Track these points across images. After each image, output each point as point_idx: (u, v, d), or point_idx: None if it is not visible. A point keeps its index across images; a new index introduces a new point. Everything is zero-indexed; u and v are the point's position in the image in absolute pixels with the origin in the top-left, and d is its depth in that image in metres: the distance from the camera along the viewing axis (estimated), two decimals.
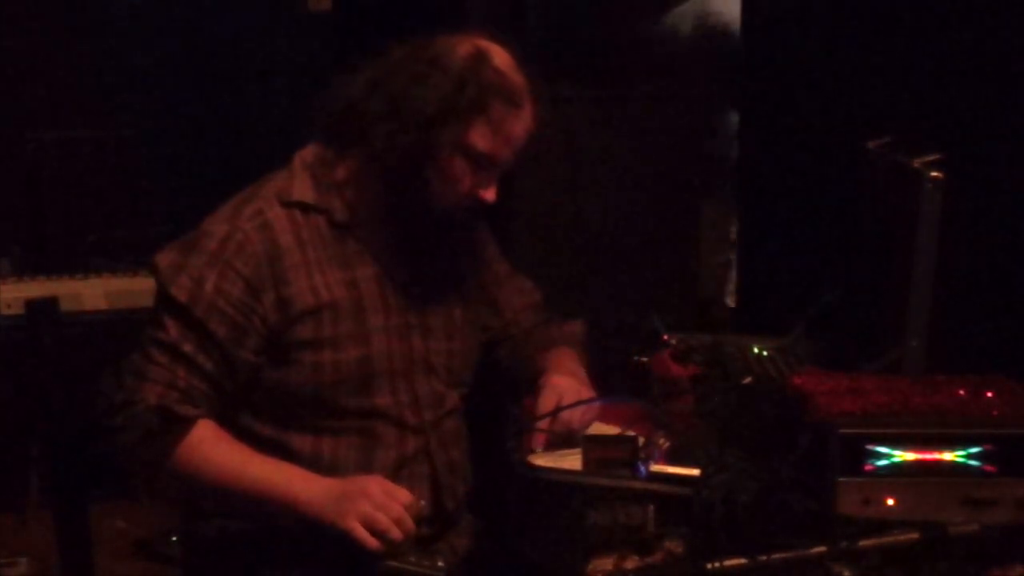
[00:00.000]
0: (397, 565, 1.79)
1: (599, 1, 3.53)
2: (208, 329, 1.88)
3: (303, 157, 2.02)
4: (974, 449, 1.68)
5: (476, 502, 2.15)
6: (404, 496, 1.83)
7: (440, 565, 1.80)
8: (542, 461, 1.93)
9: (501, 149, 1.93)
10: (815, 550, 1.56)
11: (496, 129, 1.91)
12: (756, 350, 2.18)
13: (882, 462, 1.67)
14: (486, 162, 1.93)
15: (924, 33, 2.75)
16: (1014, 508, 1.67)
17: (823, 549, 1.56)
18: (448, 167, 1.92)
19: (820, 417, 1.73)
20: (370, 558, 1.80)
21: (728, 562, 1.53)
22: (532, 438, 1.99)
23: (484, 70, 1.90)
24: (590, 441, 1.89)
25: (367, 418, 1.98)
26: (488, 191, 1.96)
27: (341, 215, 1.98)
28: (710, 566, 1.53)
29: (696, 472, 1.74)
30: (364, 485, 1.84)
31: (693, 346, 2.18)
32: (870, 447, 1.67)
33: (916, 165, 2.12)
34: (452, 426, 2.09)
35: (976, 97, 2.58)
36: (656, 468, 1.82)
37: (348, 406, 1.97)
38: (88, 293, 3.30)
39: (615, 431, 2.00)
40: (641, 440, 1.90)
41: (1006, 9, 2.54)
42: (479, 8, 3.40)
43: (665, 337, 2.25)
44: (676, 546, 1.68)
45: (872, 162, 2.39)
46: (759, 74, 3.55)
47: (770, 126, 3.47)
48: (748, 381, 1.99)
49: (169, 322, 1.89)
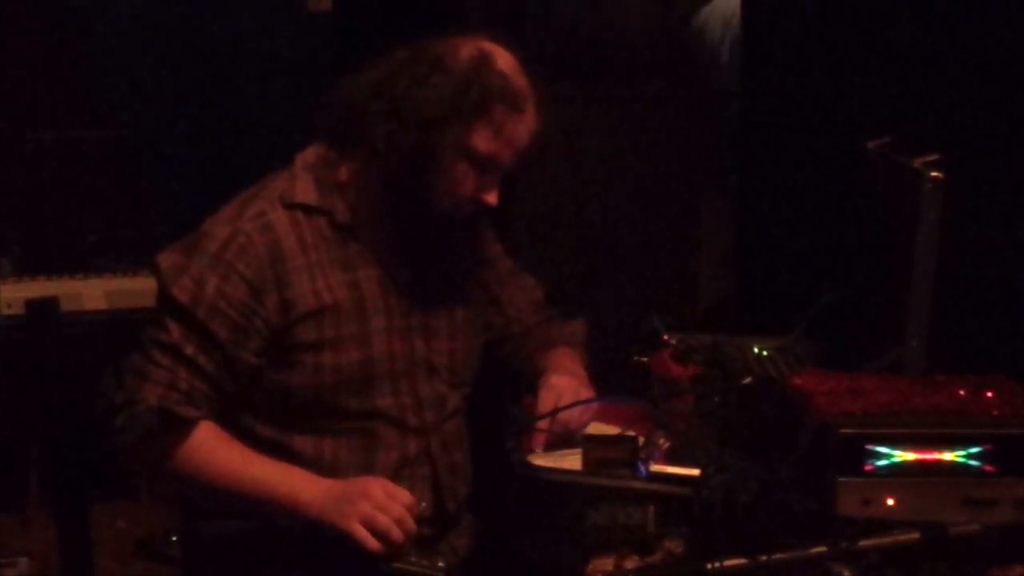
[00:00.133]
0: (398, 566, 1.79)
1: (599, 1, 3.53)
2: (210, 331, 1.88)
3: (304, 158, 2.01)
4: (974, 449, 1.68)
5: (476, 502, 2.15)
6: (405, 497, 1.82)
7: (440, 565, 1.80)
8: (542, 461, 1.93)
9: (503, 152, 1.93)
10: (815, 550, 1.55)
11: (498, 132, 1.91)
12: (756, 350, 2.18)
13: (882, 462, 1.67)
14: (488, 165, 1.93)
15: (924, 33, 2.75)
16: (1014, 508, 1.67)
17: (823, 549, 1.56)
18: (450, 169, 1.91)
19: (820, 417, 1.73)
20: (370, 558, 1.80)
21: (728, 562, 1.53)
22: (532, 438, 1.99)
23: (487, 73, 1.90)
24: (590, 441, 1.89)
25: (368, 419, 1.98)
26: (490, 194, 1.96)
27: (343, 217, 1.98)
28: (710, 566, 1.53)
29: (696, 472, 1.74)
30: (365, 486, 1.83)
31: (693, 346, 2.18)
32: (870, 447, 1.67)
33: (916, 165, 2.12)
34: (454, 427, 2.09)
35: (976, 97, 2.58)
36: (656, 468, 1.82)
37: (349, 407, 1.96)
38: (88, 293, 3.30)
39: (615, 431, 2.00)
40: (641, 440, 1.90)
41: (1006, 9, 2.53)
42: (479, 8, 3.40)
43: (665, 337, 2.25)
44: (676, 546, 1.68)
45: (872, 162, 2.39)
46: (759, 74, 3.55)
47: (770, 126, 3.47)
48: (748, 381, 1.99)
49: (171, 323, 1.89)
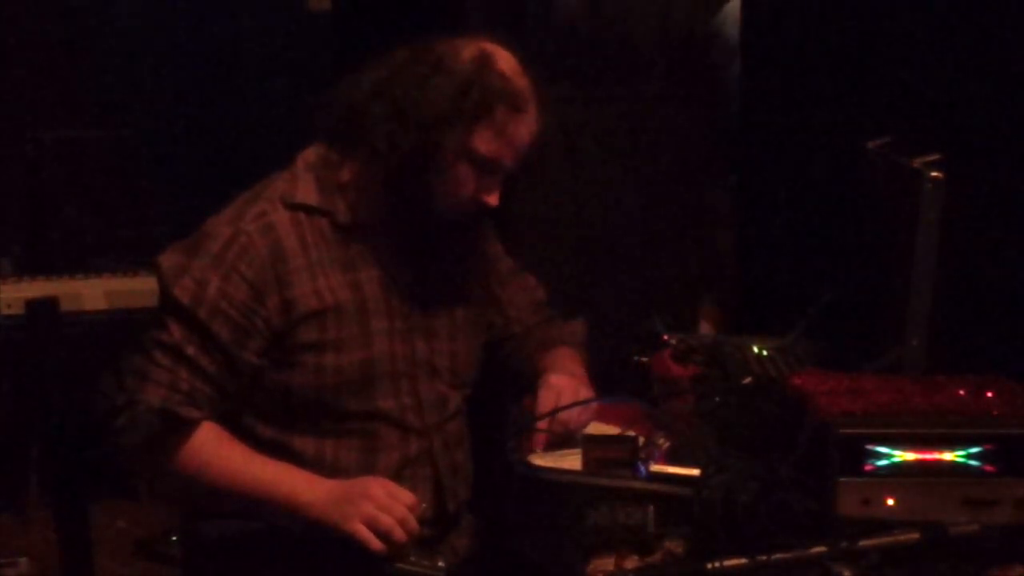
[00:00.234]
0: (399, 566, 1.79)
1: (599, 1, 3.53)
2: (211, 331, 1.87)
3: (306, 158, 2.01)
4: (974, 449, 1.68)
5: (476, 502, 2.15)
6: (407, 497, 1.82)
7: (440, 565, 1.80)
8: (542, 461, 1.93)
9: (505, 153, 1.92)
10: (815, 550, 1.55)
11: (500, 133, 1.90)
12: (756, 350, 2.18)
13: (882, 462, 1.67)
14: (490, 166, 1.93)
15: (924, 33, 2.75)
16: (1014, 508, 1.67)
17: (823, 549, 1.56)
18: (452, 171, 1.91)
19: (820, 417, 1.73)
20: (371, 559, 1.80)
21: (728, 562, 1.53)
22: (532, 438, 1.99)
23: (488, 74, 1.90)
24: (590, 441, 1.89)
25: (369, 420, 1.98)
26: (491, 195, 1.95)
27: (345, 217, 1.97)
28: (710, 566, 1.53)
29: (696, 472, 1.74)
30: (367, 486, 1.83)
31: (693, 346, 2.18)
32: (870, 447, 1.67)
33: (916, 165, 2.12)
34: (455, 428, 2.09)
35: (976, 97, 2.58)
36: (656, 468, 1.82)
37: (350, 408, 1.96)
38: (88, 293, 3.30)
39: (615, 431, 2.00)
40: (641, 440, 1.90)
41: (1006, 9, 2.53)
42: (479, 8, 3.40)
43: (665, 337, 2.25)
44: (676, 546, 1.68)
45: (872, 162, 2.39)
46: (759, 75, 3.55)
47: (770, 126, 3.47)
48: (748, 381, 1.99)
49: (172, 324, 1.88)
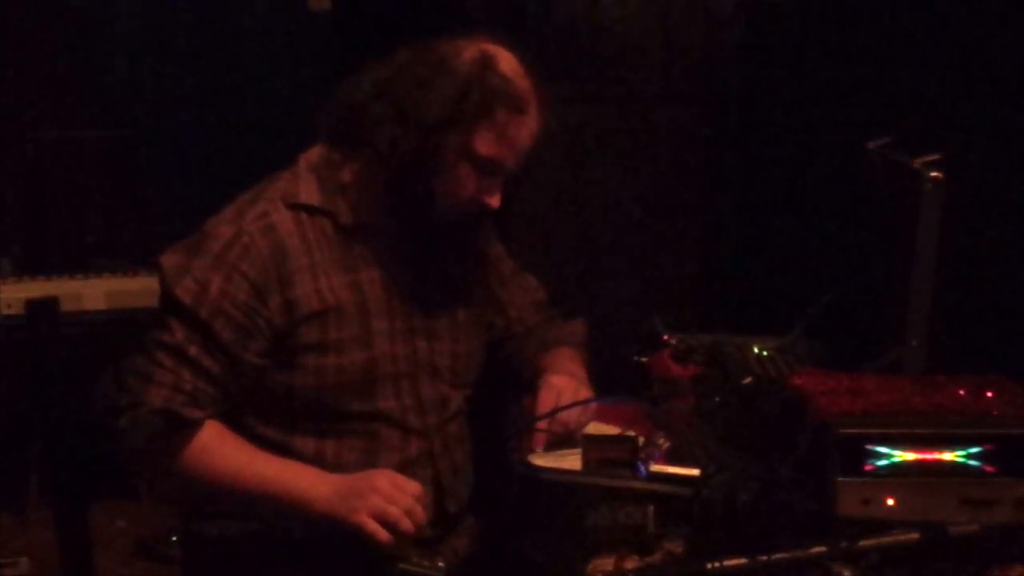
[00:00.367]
0: (400, 566, 1.79)
1: (599, 1, 3.53)
2: (213, 331, 1.87)
3: (308, 159, 2.01)
4: (974, 449, 1.68)
5: (476, 502, 2.15)
6: (413, 487, 1.82)
7: (440, 565, 1.80)
8: (542, 461, 1.93)
9: (506, 155, 1.92)
10: (815, 550, 1.55)
11: (501, 135, 1.90)
12: (756, 350, 2.19)
13: (882, 462, 1.67)
14: (491, 167, 1.92)
15: (924, 33, 2.75)
16: (1014, 508, 1.67)
17: (823, 549, 1.56)
18: (453, 172, 1.91)
19: (820, 417, 1.73)
20: (370, 558, 1.80)
21: (728, 562, 1.53)
22: (532, 438, 1.99)
23: (489, 75, 1.89)
24: (590, 441, 1.89)
25: (370, 421, 1.98)
26: (492, 196, 1.95)
27: (346, 218, 1.97)
28: (710, 566, 1.53)
29: (696, 472, 1.74)
30: (372, 479, 1.83)
31: (693, 346, 2.18)
32: (870, 447, 1.67)
33: (916, 165, 2.12)
34: (455, 429, 2.09)
35: (976, 97, 2.58)
36: (656, 468, 1.82)
37: (352, 409, 1.96)
38: (88, 293, 3.30)
39: (615, 431, 2.00)
40: (641, 440, 1.90)
41: (1006, 9, 2.53)
42: (479, 8, 3.40)
43: (665, 337, 2.25)
44: (676, 546, 1.68)
45: (872, 162, 2.39)
46: (759, 74, 3.55)
47: (770, 126, 3.47)
48: (748, 381, 1.99)
49: (174, 324, 1.88)
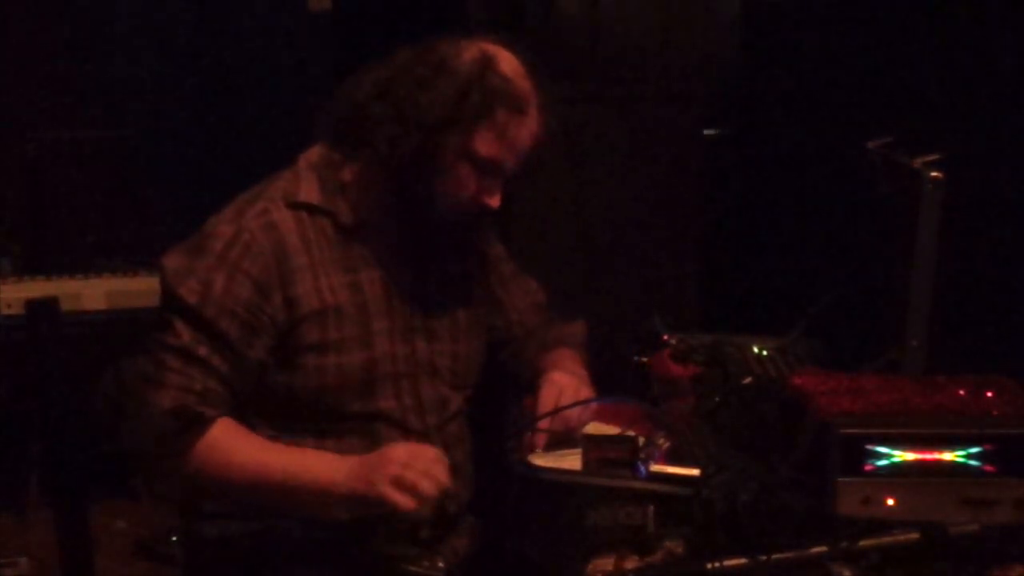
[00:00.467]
0: (401, 566, 1.79)
1: (599, 1, 3.53)
2: (219, 330, 1.87)
3: (308, 158, 2.01)
4: (974, 449, 1.68)
5: (476, 502, 2.15)
6: (429, 451, 1.83)
7: (440, 566, 1.80)
8: (542, 461, 1.93)
9: (506, 155, 1.92)
10: (815, 550, 1.55)
11: (501, 135, 1.90)
12: (756, 350, 2.19)
13: (882, 462, 1.67)
14: (491, 168, 1.92)
15: (924, 33, 2.75)
16: (1014, 508, 1.67)
17: (823, 549, 1.56)
18: (453, 172, 1.91)
19: (820, 417, 1.73)
20: (371, 558, 1.80)
21: (728, 562, 1.53)
22: (532, 436, 1.99)
23: (490, 76, 1.89)
24: (590, 441, 1.89)
25: (371, 421, 1.97)
26: (493, 197, 1.95)
27: (346, 218, 1.97)
28: (710, 566, 1.53)
29: (696, 472, 1.74)
30: (388, 451, 1.84)
31: (693, 346, 2.18)
32: (870, 447, 1.67)
33: (916, 165, 2.12)
34: (455, 430, 2.09)
35: (976, 97, 2.58)
36: (656, 468, 1.81)
37: (352, 409, 1.96)
38: (88, 293, 3.30)
39: (615, 431, 2.00)
40: (641, 440, 1.90)
41: (1006, 9, 2.54)
42: (479, 8, 3.40)
43: (665, 337, 2.25)
44: (676, 546, 1.68)
45: (872, 162, 2.39)
46: (759, 74, 3.55)
47: (770, 126, 3.48)
48: (748, 381, 1.99)
49: (180, 325, 1.88)
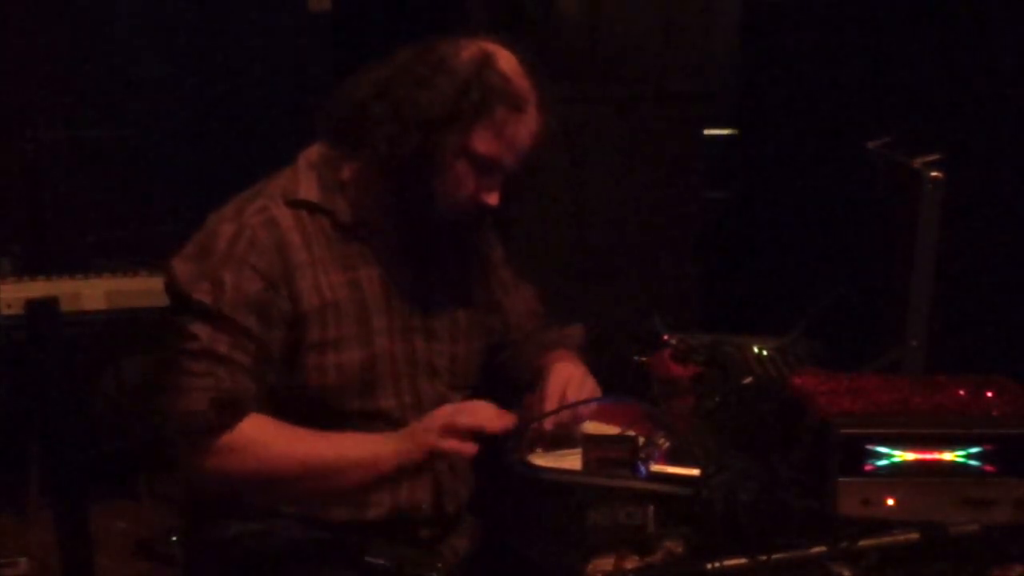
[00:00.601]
0: (400, 566, 1.79)
1: (599, 1, 3.54)
2: (238, 323, 1.87)
3: (308, 157, 2.01)
4: (974, 449, 1.68)
5: (476, 502, 2.15)
6: (476, 402, 1.89)
7: (440, 566, 1.80)
8: (542, 461, 1.93)
9: (504, 154, 1.92)
10: (815, 550, 1.56)
11: (499, 133, 1.90)
12: (756, 350, 2.19)
13: (882, 462, 1.67)
14: (489, 166, 1.92)
15: (924, 33, 2.75)
16: (1014, 508, 1.67)
17: (823, 549, 1.56)
18: (451, 171, 1.91)
19: (820, 417, 1.73)
20: (372, 557, 1.80)
21: (728, 562, 1.53)
22: (540, 425, 1.98)
23: (488, 74, 1.89)
24: (590, 441, 1.89)
25: (370, 420, 1.97)
26: (492, 196, 1.95)
27: (345, 216, 1.97)
28: (710, 566, 1.53)
29: (696, 472, 1.74)
30: (426, 417, 1.89)
31: (693, 346, 2.18)
32: (870, 447, 1.67)
33: (916, 165, 2.12)
34: None
35: (976, 97, 2.58)
36: (656, 468, 1.82)
37: (352, 408, 1.96)
38: (88, 293, 3.30)
39: (615, 431, 2.00)
40: (641, 440, 1.90)
41: (1006, 9, 2.54)
42: (479, 8, 3.40)
43: (665, 337, 2.25)
44: (676, 546, 1.68)
45: (872, 162, 2.39)
46: (759, 74, 3.55)
47: (770, 126, 3.48)
48: (748, 381, 1.99)
49: (197, 328, 1.87)
